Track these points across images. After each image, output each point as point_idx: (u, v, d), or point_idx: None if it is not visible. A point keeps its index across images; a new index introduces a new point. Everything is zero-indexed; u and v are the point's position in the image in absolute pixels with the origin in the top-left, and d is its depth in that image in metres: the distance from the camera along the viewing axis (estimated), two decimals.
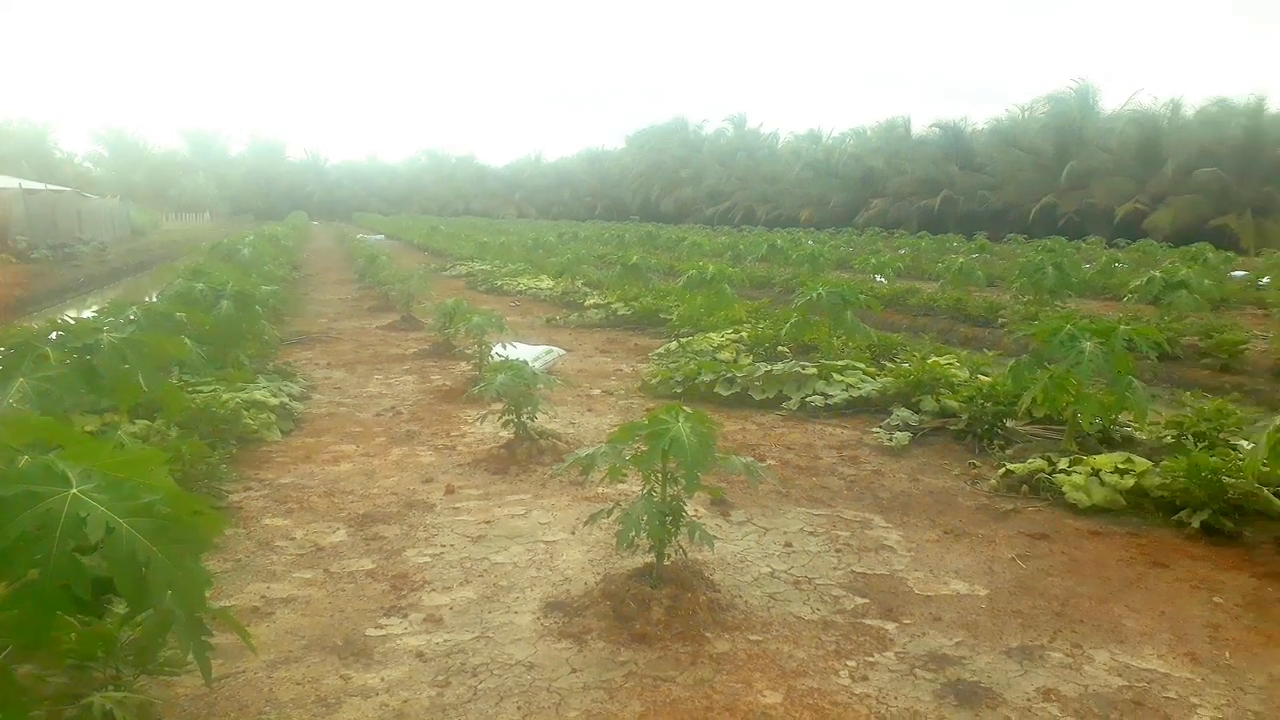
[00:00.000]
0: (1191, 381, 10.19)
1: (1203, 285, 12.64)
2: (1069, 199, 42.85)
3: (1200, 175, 38.37)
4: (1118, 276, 17.17)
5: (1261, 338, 11.31)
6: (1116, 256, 22.77)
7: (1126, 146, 42.73)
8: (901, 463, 6.19)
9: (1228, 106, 41.73)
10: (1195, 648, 3.57)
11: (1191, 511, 4.86)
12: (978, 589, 4.12)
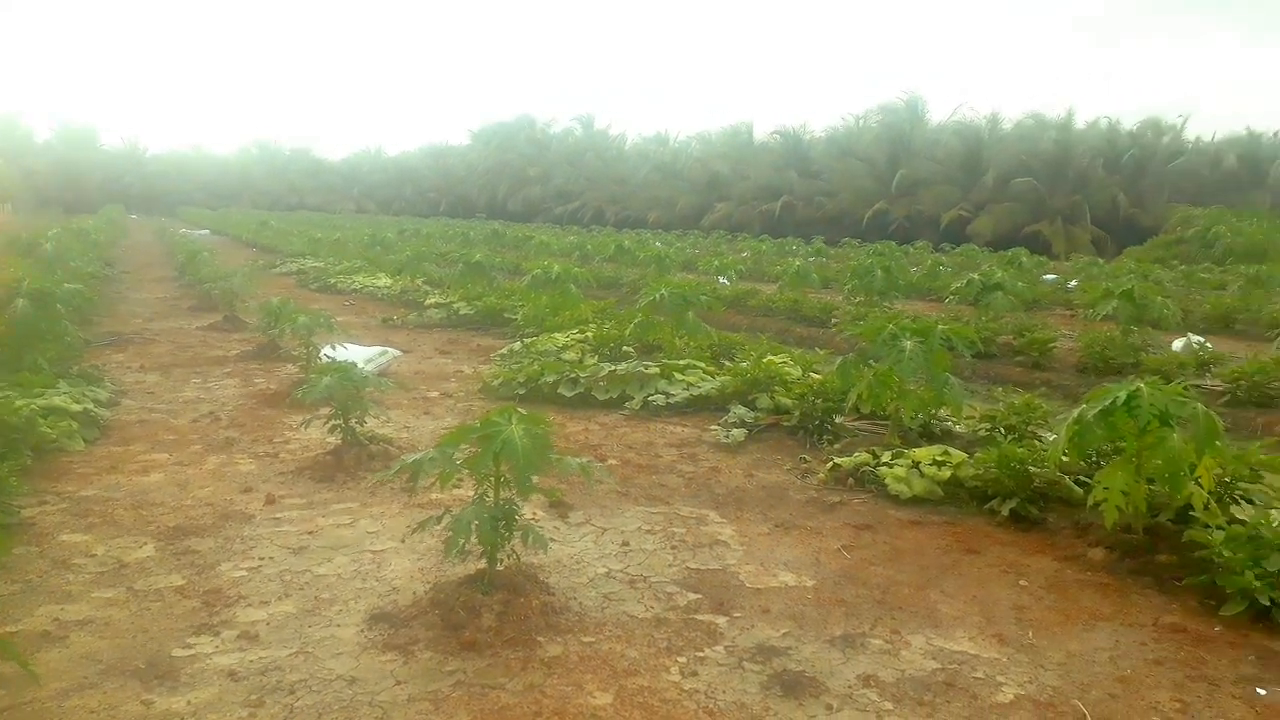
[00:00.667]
0: (1006, 378, 10.93)
1: (1016, 288, 13.63)
2: (899, 205, 45.36)
3: (1017, 185, 41.47)
4: (942, 279, 18.27)
5: (1068, 336, 12.27)
6: (941, 260, 24.24)
7: (952, 156, 45.63)
8: (738, 459, 6.36)
9: (1041, 120, 45.32)
10: (1002, 629, 3.82)
11: (1002, 500, 5.21)
12: (805, 580, 4.27)
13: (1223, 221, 32.28)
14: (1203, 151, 46.22)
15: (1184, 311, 14.81)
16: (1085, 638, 3.76)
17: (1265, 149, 47.11)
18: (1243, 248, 29.31)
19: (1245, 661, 3.60)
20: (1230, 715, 3.20)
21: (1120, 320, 11.49)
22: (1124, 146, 44.15)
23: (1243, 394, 9.15)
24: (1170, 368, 9.91)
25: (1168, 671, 3.50)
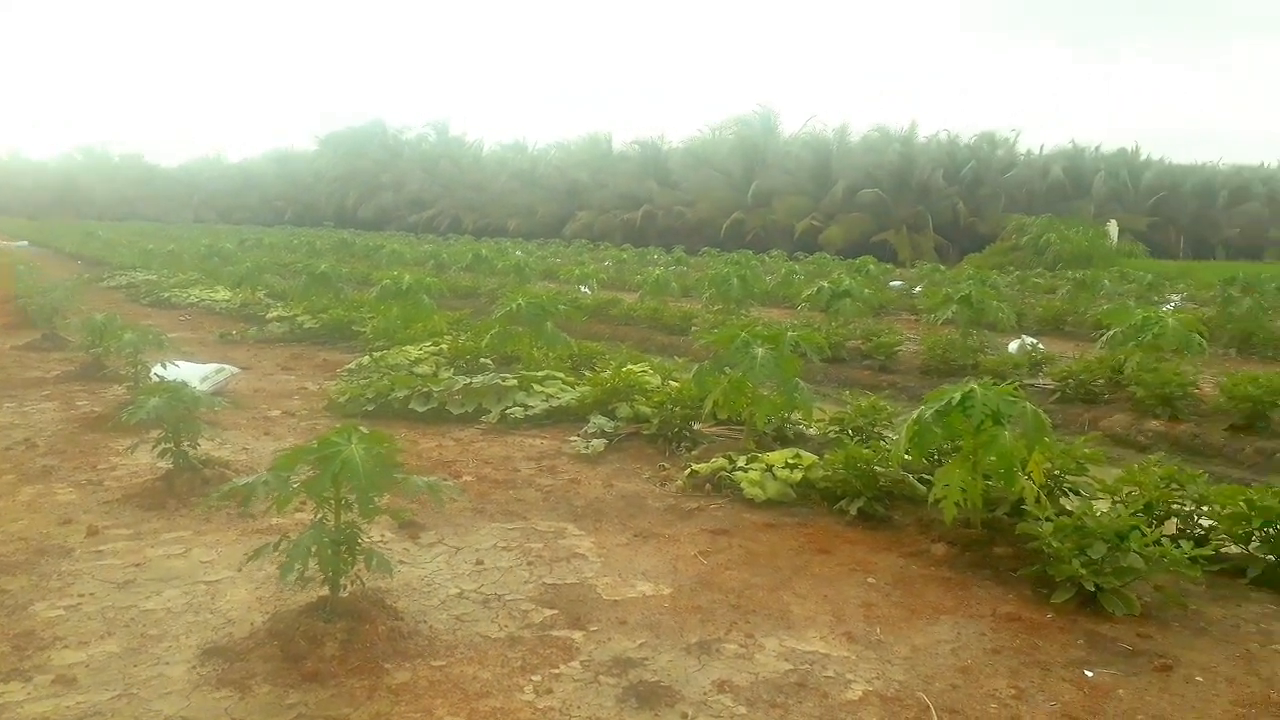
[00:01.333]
0: (856, 380, 11.41)
1: (863, 295, 14.24)
2: (755, 215, 46.71)
3: (864, 195, 43.44)
4: (795, 286, 18.90)
5: (913, 340, 12.91)
6: (795, 268, 25.06)
7: (803, 168, 47.37)
8: (597, 470, 6.35)
9: (886, 133, 47.66)
10: (852, 627, 3.95)
11: (850, 500, 5.40)
12: (663, 589, 4.29)
13: (1052, 229, 34.71)
14: (1033, 164, 49.77)
15: (1018, 314, 15.84)
16: (929, 631, 3.93)
17: (1088, 162, 51.17)
18: (1071, 254, 31.63)
19: (1075, 645, 3.85)
20: (1061, 698, 3.40)
21: (959, 324, 12.18)
22: (963, 159, 46.97)
23: (1071, 391, 9.85)
24: (1006, 368, 10.55)
25: (1005, 659, 3.70)
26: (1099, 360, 10.02)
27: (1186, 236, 49.01)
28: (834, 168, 46.42)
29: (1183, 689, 3.51)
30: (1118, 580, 4.18)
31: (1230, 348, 13.90)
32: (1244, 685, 3.55)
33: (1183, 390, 8.96)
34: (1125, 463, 5.92)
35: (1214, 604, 4.36)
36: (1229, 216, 50.62)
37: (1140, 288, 20.71)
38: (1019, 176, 47.24)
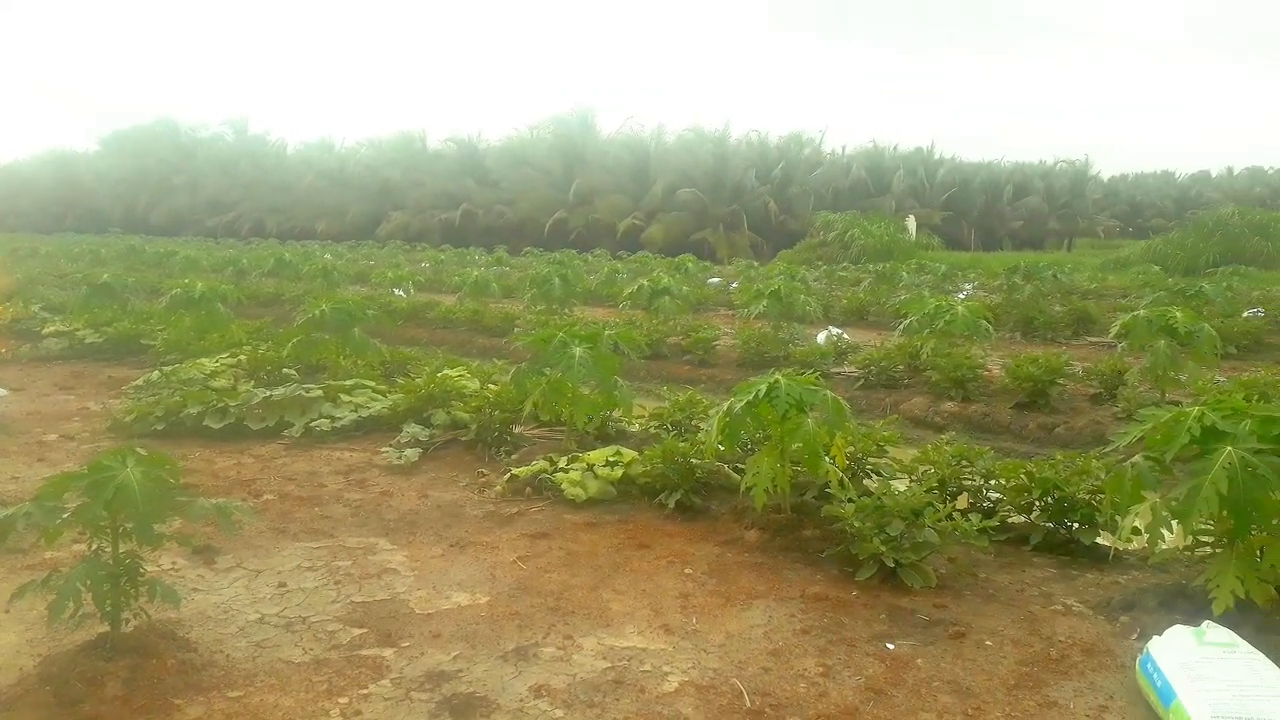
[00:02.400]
0: (676, 376, 11.67)
1: (682, 292, 14.59)
2: (578, 214, 46.96)
3: (682, 194, 44.51)
4: (618, 285, 19.12)
5: (729, 335, 13.32)
6: (617, 267, 25.37)
7: (622, 167, 48.01)
8: (412, 480, 6.19)
9: (701, 134, 49.01)
10: (669, 619, 4.02)
11: (669, 494, 5.51)
12: (479, 597, 4.23)
13: (856, 225, 36.78)
14: (838, 163, 52.53)
15: (826, 307, 16.67)
16: (743, 617, 4.06)
17: (888, 161, 54.52)
18: (873, 248, 33.63)
19: (878, 620, 4.07)
20: (865, 671, 3.59)
21: (771, 317, 12.68)
22: (773, 159, 48.99)
23: (874, 378, 10.45)
24: (815, 358, 11.08)
25: (813, 639, 3.87)
26: (898, 347, 10.68)
27: (977, 229, 53.12)
28: (652, 167, 47.33)
29: (974, 653, 3.78)
30: (915, 555, 4.46)
31: (1015, 331, 15.18)
32: (1028, 645, 3.86)
33: (973, 373, 9.69)
34: (923, 443, 6.31)
35: (1002, 571, 4.72)
36: (1013, 210, 55.30)
37: (936, 278, 22.23)
38: (825, 175, 49.75)
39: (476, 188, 51.65)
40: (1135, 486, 4.04)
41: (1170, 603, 4.18)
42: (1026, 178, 58.12)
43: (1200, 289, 14.92)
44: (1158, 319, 8.66)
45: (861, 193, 50.09)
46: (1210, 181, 77.15)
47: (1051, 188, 57.91)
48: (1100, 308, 15.68)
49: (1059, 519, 5.06)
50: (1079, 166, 61.45)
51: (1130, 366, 9.32)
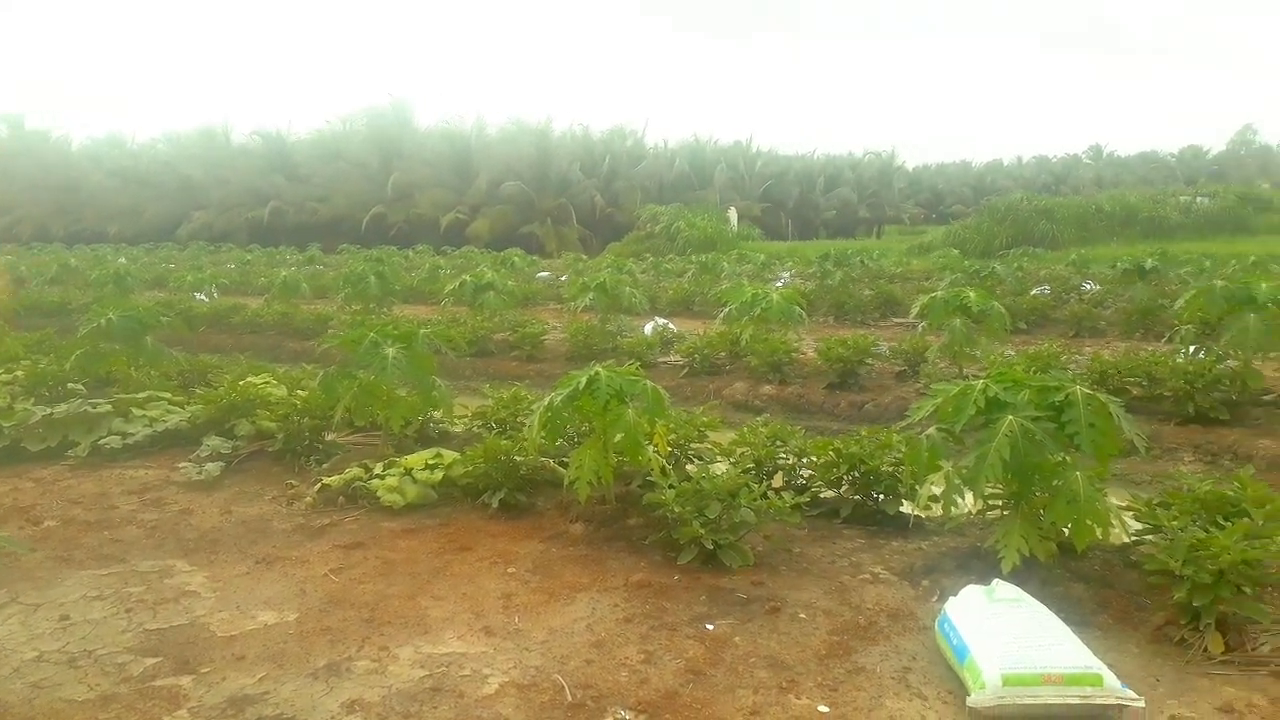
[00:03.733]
0: (504, 372, 11.55)
1: (507, 287, 14.47)
2: (397, 209, 45.70)
3: (507, 188, 44.10)
4: (441, 282, 18.74)
5: (558, 329, 13.31)
6: (440, 263, 24.88)
7: (443, 160, 47.05)
8: (214, 496, 5.84)
9: (523, 126, 48.64)
10: (490, 621, 3.97)
11: (492, 493, 5.44)
12: (288, 615, 4.03)
13: (681, 217, 37.59)
14: (661, 156, 53.48)
15: (653, 298, 16.94)
16: (566, 611, 4.06)
17: (709, 154, 56.00)
18: (698, 239, 34.48)
19: (698, 602, 4.17)
20: (685, 654, 3.67)
21: (598, 310, 12.78)
22: (598, 152, 49.28)
23: (698, 365, 10.71)
24: (641, 348, 11.24)
25: (635, 626, 3.92)
26: (719, 335, 10.99)
27: (794, 219, 55.42)
28: (475, 161, 46.62)
29: (789, 627, 3.93)
30: (733, 535, 4.60)
31: (829, 315, 15.94)
32: (838, 615, 4.05)
33: (788, 357, 10.10)
34: (744, 426, 6.51)
35: (815, 544, 4.94)
36: (827, 200, 58.05)
37: (756, 267, 23.05)
38: (650, 169, 50.56)
39: (286, 184, 49.31)
40: (931, 456, 4.31)
41: (966, 564, 4.49)
42: (838, 169, 61.14)
43: (993, 270, 16.15)
44: (953, 300, 9.29)
45: (685, 185, 51.24)
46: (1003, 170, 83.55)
47: (861, 178, 61.16)
48: (905, 290, 16.66)
49: (866, 491, 5.34)
50: (885, 158, 65.17)
51: (931, 344, 9.95)
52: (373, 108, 51.15)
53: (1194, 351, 8.65)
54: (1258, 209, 39.66)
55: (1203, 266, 17.46)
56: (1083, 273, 19.14)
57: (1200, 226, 36.04)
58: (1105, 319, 13.99)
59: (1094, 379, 8.45)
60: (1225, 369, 8.18)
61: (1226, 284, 8.21)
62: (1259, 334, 7.70)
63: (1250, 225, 37.17)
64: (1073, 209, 36.46)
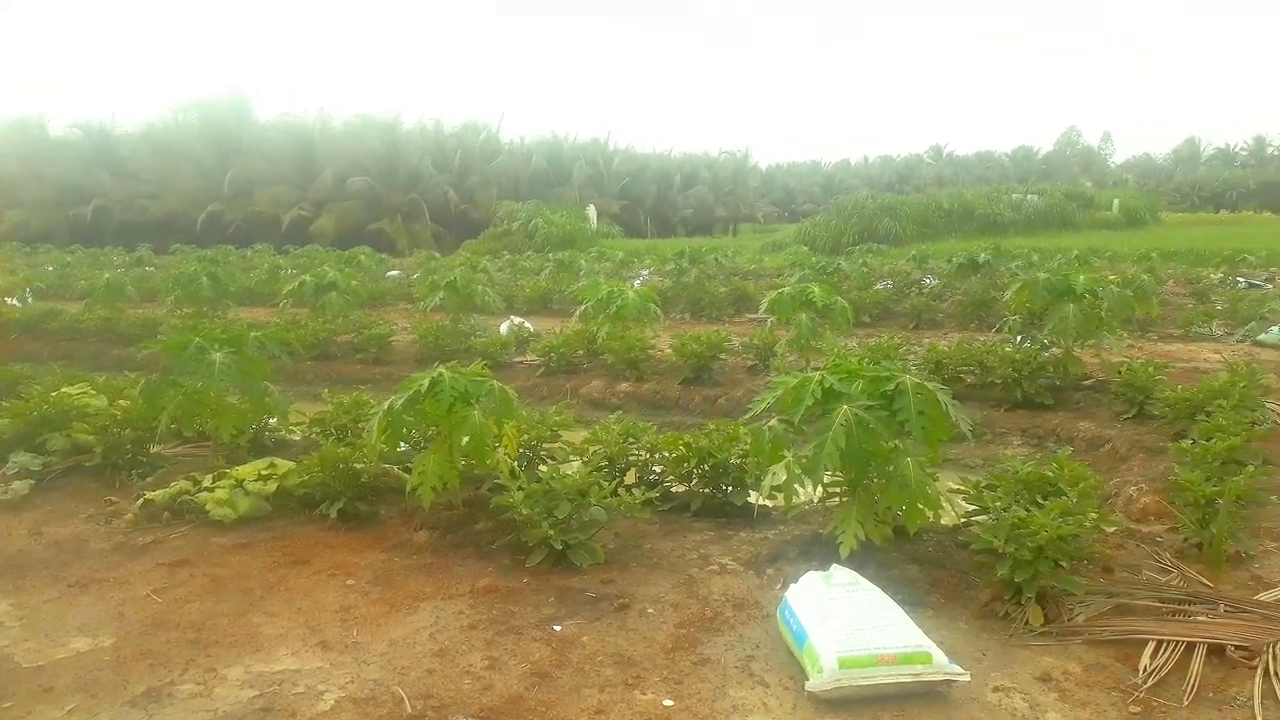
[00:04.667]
0: (349, 376, 11.21)
1: (351, 286, 14.03)
2: (235, 206, 43.64)
3: (354, 183, 42.80)
4: (282, 282, 18.01)
5: (408, 330, 13.01)
6: (280, 263, 23.92)
7: (284, 155, 45.18)
8: (22, 517, 5.42)
9: (370, 120, 47.31)
10: (327, 636, 3.84)
11: (330, 503, 5.26)
12: (103, 640, 3.79)
13: (539, 214, 37.47)
14: (517, 152, 53.11)
15: (509, 296, 16.81)
16: (408, 622, 3.97)
17: (567, 151, 56.01)
18: (557, 236, 34.46)
19: (547, 604, 4.15)
20: (531, 657, 3.65)
21: (450, 309, 12.57)
22: (450, 147, 48.48)
23: (555, 364, 10.68)
24: (496, 348, 11.13)
25: (481, 633, 3.87)
26: (576, 334, 10.99)
27: (652, 217, 56.08)
28: (319, 155, 44.98)
29: (637, 623, 3.97)
30: (583, 534, 4.61)
31: (685, 312, 16.21)
32: (686, 608, 4.12)
33: (644, 354, 10.21)
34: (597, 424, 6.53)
35: (666, 539, 5.01)
36: (684, 198, 59.03)
37: (614, 265, 23.20)
38: (506, 165, 50.12)
39: (112, 180, 46.26)
40: (773, 447, 4.44)
41: (809, 551, 4.64)
42: (694, 167, 62.29)
43: (838, 266, 16.79)
44: (798, 295, 9.61)
45: (543, 182, 51.07)
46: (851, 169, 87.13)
47: (717, 177, 62.51)
48: (758, 287, 17.11)
49: (715, 484, 5.46)
50: (740, 158, 66.93)
51: (780, 338, 10.25)
52: (207, 99, 48.65)
53: (1021, 341, 9.24)
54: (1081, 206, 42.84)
55: (1031, 260, 18.67)
56: (923, 267, 20.15)
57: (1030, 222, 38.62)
58: (943, 311, 14.78)
59: (930, 369, 8.92)
60: (1049, 357, 8.77)
61: (1049, 277, 8.79)
62: (1078, 323, 8.29)
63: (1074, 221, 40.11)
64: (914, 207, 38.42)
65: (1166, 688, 3.43)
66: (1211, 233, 36.61)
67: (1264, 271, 21.12)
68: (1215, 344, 12.01)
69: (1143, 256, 22.80)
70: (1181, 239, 31.27)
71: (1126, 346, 10.59)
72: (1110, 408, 8.09)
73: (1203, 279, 18.23)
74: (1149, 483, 5.98)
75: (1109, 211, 43.62)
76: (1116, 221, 41.72)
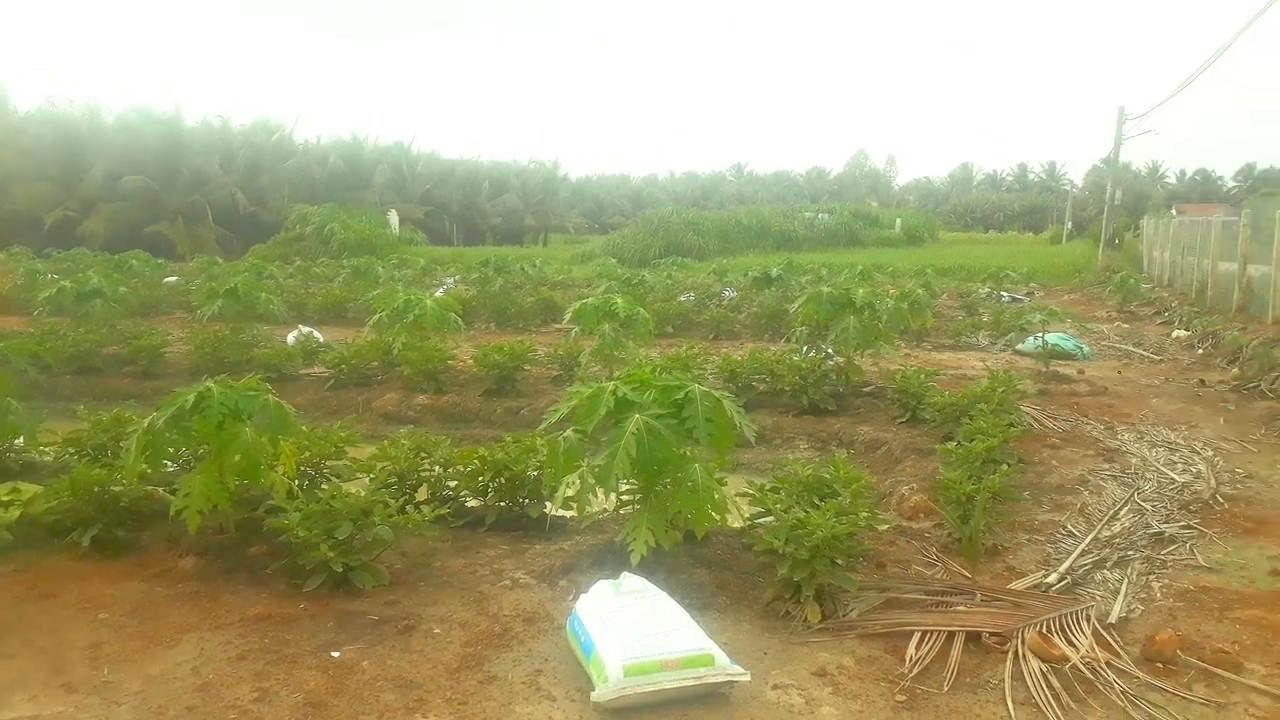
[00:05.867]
0: (116, 391, 10.35)
1: (119, 293, 12.98)
2: None
3: (129, 182, 39.68)
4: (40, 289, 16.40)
5: (183, 340, 12.16)
6: (38, 268, 21.83)
7: (46, 149, 41.25)
8: None
9: (148, 115, 44.01)
10: (73, 676, 3.50)
11: (83, 530, 4.82)
12: None
13: (336, 219, 36.07)
14: (312, 153, 50.90)
15: (300, 304, 16.08)
16: (169, 656, 3.68)
17: (368, 153, 54.20)
18: (355, 242, 33.28)
19: (325, 630, 3.96)
20: (305, 687, 3.46)
21: (229, 318, 11.86)
22: (238, 145, 45.87)
23: (346, 376, 10.28)
24: (282, 360, 10.58)
25: (250, 664, 3.64)
26: (370, 344, 10.63)
27: (459, 225, 55.22)
28: (88, 150, 41.37)
29: (422, 644, 3.85)
30: (366, 555, 4.44)
31: (491, 321, 16.04)
32: (475, 626, 4.04)
33: (444, 365, 10.00)
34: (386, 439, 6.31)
35: (457, 556, 4.90)
36: (493, 206, 58.46)
37: (417, 272, 22.66)
38: (300, 166, 47.91)
39: None
40: (568, 458, 4.44)
41: (602, 560, 4.68)
42: (503, 175, 61.87)
43: (643, 279, 17.12)
44: (602, 306, 9.70)
45: (341, 185, 49.14)
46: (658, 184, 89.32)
47: (526, 185, 62.32)
48: (566, 297, 17.16)
49: (511, 497, 5.42)
50: (550, 167, 67.04)
51: (584, 349, 10.31)
52: None
53: (807, 351, 9.71)
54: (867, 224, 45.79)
55: (821, 275, 19.70)
56: (724, 280, 20.86)
57: (822, 239, 40.87)
58: (740, 322, 15.35)
59: (725, 377, 9.23)
60: (833, 365, 9.27)
61: (831, 290, 9.29)
62: (858, 334, 8.80)
63: (861, 238, 42.80)
64: (716, 222, 39.83)
65: (930, 675, 3.67)
66: (980, 251, 39.99)
67: (1024, 286, 23.26)
68: (981, 353, 13.09)
69: (920, 272, 24.56)
70: (955, 256, 33.94)
71: (903, 355, 11.36)
72: (887, 412, 8.65)
73: (972, 293, 19.83)
74: (919, 482, 6.42)
75: (892, 230, 46.85)
76: (899, 239, 44.84)
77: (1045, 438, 7.55)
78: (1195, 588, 4.60)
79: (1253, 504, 5.96)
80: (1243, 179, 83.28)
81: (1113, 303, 19.98)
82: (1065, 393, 9.69)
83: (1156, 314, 18.26)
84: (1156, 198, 73.30)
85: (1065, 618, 4.09)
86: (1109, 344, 14.06)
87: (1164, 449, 7.26)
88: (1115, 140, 35.78)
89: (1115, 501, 5.86)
